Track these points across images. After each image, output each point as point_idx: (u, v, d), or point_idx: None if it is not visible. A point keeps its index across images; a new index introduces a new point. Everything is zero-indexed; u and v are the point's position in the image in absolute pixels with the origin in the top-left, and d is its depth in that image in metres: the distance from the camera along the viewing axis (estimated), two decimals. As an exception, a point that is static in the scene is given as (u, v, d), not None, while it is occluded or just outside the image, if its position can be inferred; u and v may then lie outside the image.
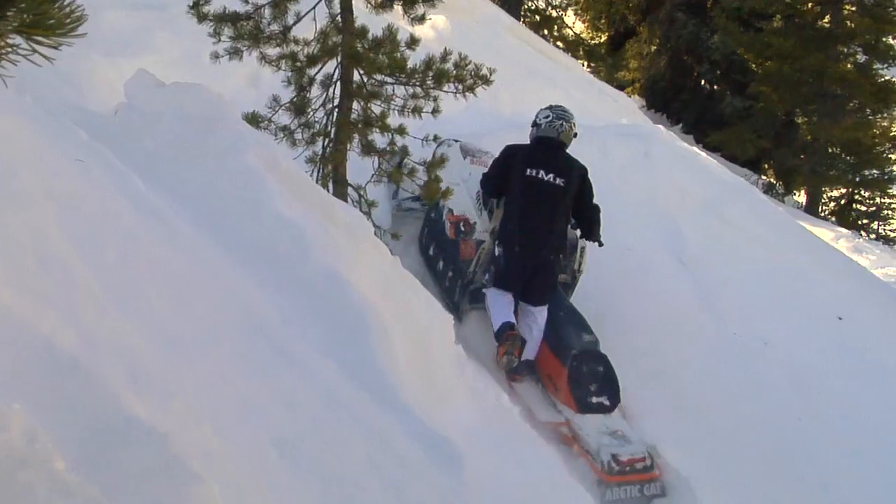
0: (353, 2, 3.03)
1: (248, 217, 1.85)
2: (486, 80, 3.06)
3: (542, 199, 3.63)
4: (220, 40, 2.96)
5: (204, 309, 1.38)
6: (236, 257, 1.66)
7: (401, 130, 3.02)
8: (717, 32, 12.30)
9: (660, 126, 5.83)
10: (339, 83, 3.05)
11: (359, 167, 3.22)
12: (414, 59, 3.09)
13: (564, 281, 3.94)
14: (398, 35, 2.97)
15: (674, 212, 4.26)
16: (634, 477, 3.15)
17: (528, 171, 3.61)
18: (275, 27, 3.03)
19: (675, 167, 4.71)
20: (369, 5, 3.05)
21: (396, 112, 3.05)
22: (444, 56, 3.11)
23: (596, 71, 13.69)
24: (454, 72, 3.01)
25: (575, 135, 3.70)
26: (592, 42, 15.83)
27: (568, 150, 3.63)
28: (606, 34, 14.82)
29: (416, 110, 2.99)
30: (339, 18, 3.03)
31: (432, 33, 5.38)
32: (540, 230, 3.63)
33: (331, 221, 2.01)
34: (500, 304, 3.56)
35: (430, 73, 2.97)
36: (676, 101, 13.49)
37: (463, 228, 3.87)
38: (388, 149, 3.13)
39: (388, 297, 1.92)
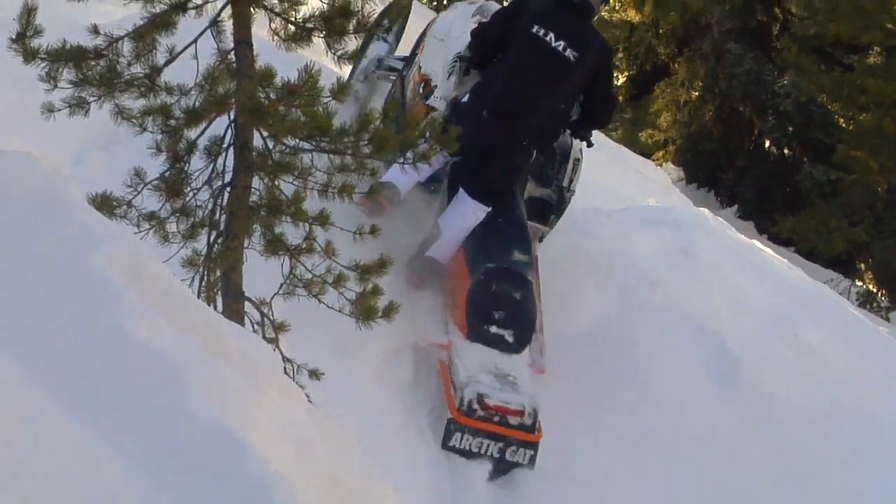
0: (254, 32, 2.96)
1: (93, 348, 1.77)
2: (451, 144, 3.08)
3: (542, 66, 4.06)
4: (56, 87, 2.79)
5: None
6: (74, 410, 1.60)
7: (323, 220, 2.91)
8: (787, 71, 13.16)
9: (704, 210, 6.10)
10: (232, 150, 2.96)
11: (262, 272, 3.06)
12: (343, 114, 3.10)
13: (548, 199, 4.37)
14: (320, 80, 2.84)
15: (724, 332, 4.37)
16: (499, 429, 3.44)
17: (535, 28, 4.09)
18: (137, 69, 2.85)
19: (727, 267, 4.89)
20: (277, 38, 2.94)
21: (317, 192, 2.95)
22: (388, 109, 3.22)
23: (611, 128, 14.25)
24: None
25: (606, 1, 4.22)
26: (605, 86, 16.49)
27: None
28: (625, 74, 15.36)
29: (346, 190, 2.91)
30: (232, 56, 2.91)
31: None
32: (524, 102, 4.00)
33: (219, 353, 1.96)
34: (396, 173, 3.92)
35: (367, 136, 2.91)
36: (729, 171, 13.97)
37: (422, 90, 4.24)
38: (303, 246, 3.00)
39: (303, 464, 1.88)
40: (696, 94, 14.60)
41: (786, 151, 13.57)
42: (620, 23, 15.03)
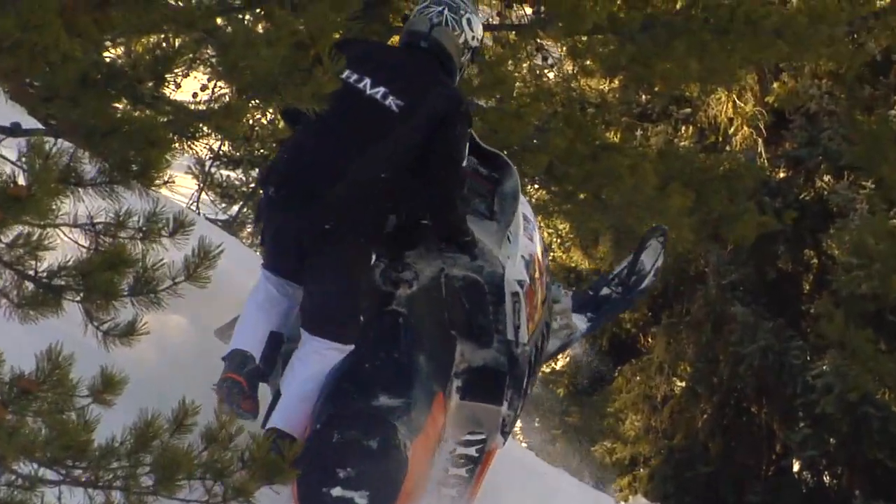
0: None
1: None
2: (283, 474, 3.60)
3: (350, 121, 4.74)
4: None
5: None
6: None
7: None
8: (826, 352, 13.65)
9: None
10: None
11: None
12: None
13: (495, 365, 5.17)
14: (71, 370, 3.22)
15: None
16: None
17: (347, 73, 4.59)
18: None
19: None
20: (5, 301, 3.39)
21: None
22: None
23: (546, 439, 15.15)
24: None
25: (472, 47, 5.05)
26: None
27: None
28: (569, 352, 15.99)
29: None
30: None
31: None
32: (321, 171, 4.73)
33: None
34: (249, 306, 4.96)
35: (148, 457, 3.32)
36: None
37: None
38: None
39: None
40: (683, 384, 15.18)
41: (826, 479, 13.93)
42: (559, 269, 15.79)
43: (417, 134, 4.77)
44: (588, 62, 11.72)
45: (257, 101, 4.02)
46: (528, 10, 12.13)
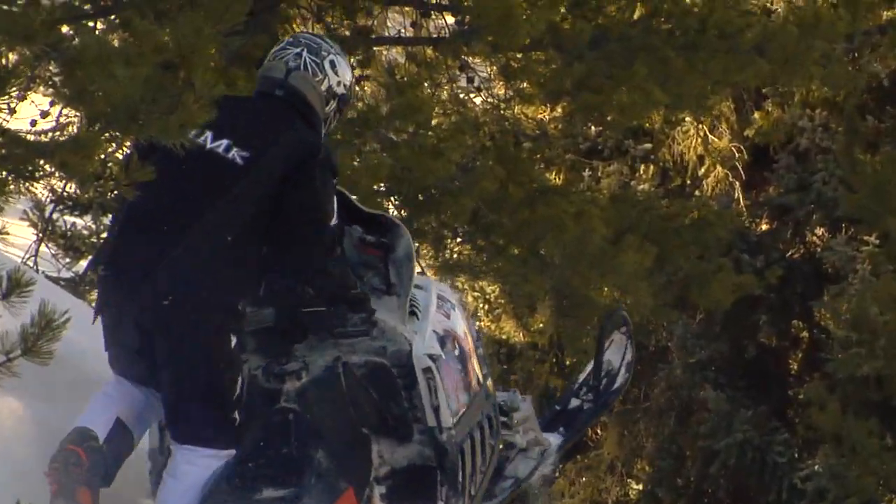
0: None
1: None
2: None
3: (186, 178, 4.89)
4: None
5: None
6: None
7: None
8: (818, 448, 14.04)
9: None
10: None
11: None
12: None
13: (420, 460, 5.38)
14: None
15: None
16: None
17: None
18: None
19: None
20: None
21: None
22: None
23: None
24: None
25: (338, 94, 5.27)
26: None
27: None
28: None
29: None
30: None
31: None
32: (158, 235, 4.89)
33: None
34: (97, 395, 5.18)
35: None
36: None
37: None
38: None
39: None
40: (640, 488, 15.34)
41: None
42: (487, 342, 15.53)
43: (266, 188, 4.93)
44: (524, 85, 11.74)
45: (112, 133, 4.05)
46: (450, 20, 12.05)
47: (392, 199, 11.58)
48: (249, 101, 5.36)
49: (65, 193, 13.18)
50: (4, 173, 3.95)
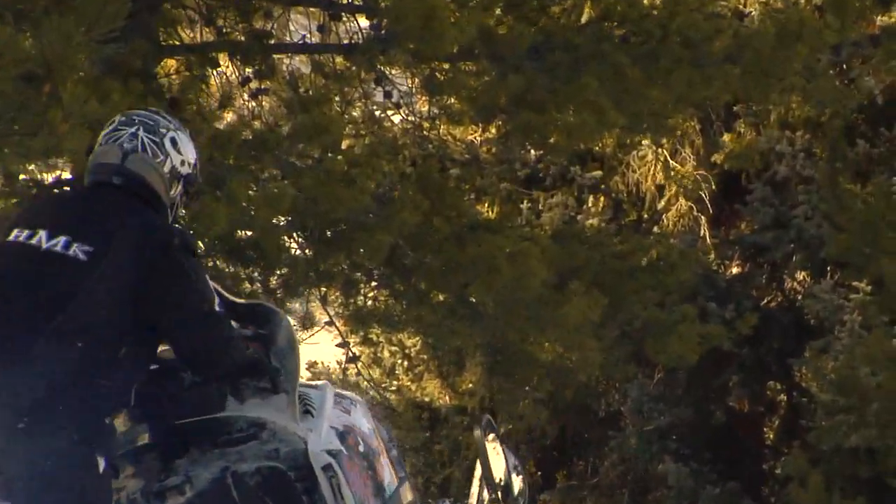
0: None
1: None
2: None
3: (21, 285, 5.02)
4: None
5: None
6: None
7: None
8: None
9: None
10: None
11: None
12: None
13: None
14: None
15: None
16: None
17: (16, 234, 5.14)
18: None
19: None
20: None
21: None
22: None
23: None
24: None
25: (182, 175, 5.40)
26: None
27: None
28: None
29: None
30: None
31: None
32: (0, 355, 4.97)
33: None
34: None
35: None
36: None
37: None
38: None
39: None
40: None
41: None
42: (407, 405, 16.17)
43: (118, 282, 5.00)
44: (451, 101, 11.60)
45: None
46: (364, 23, 11.66)
47: (295, 235, 11.46)
48: (83, 193, 5.46)
49: None
50: None
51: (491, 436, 7.06)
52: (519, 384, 12.99)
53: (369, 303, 12.16)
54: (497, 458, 7.02)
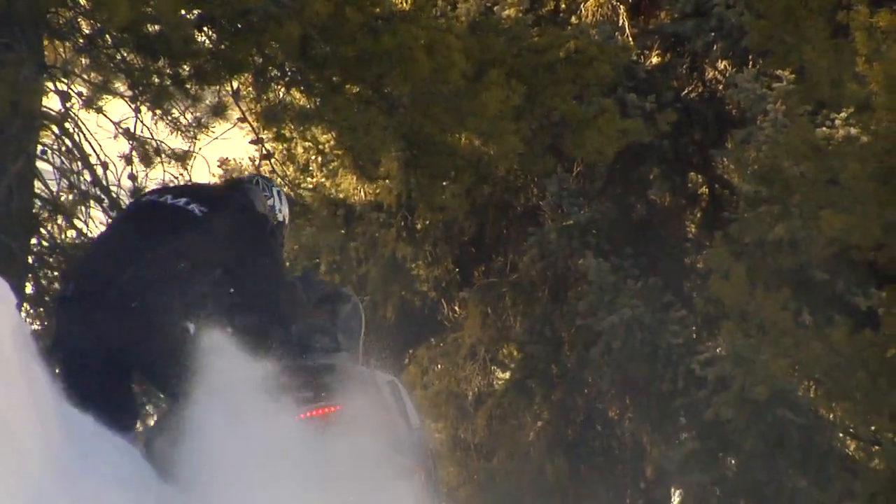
0: None
1: None
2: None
3: (147, 221, 7.18)
4: None
5: None
6: None
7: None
8: (719, 327, 14.83)
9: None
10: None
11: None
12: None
13: None
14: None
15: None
16: None
17: (146, 197, 7.93)
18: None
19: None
20: None
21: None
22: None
23: None
24: None
25: (276, 221, 7.67)
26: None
27: None
28: None
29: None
30: None
31: None
32: (118, 260, 6.88)
33: None
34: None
35: None
36: None
37: None
38: None
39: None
40: (507, 377, 15.89)
41: None
42: (322, 202, 15.87)
43: (219, 240, 7.15)
44: None
45: None
46: None
47: (206, 29, 11.29)
48: (205, 185, 7.73)
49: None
50: None
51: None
52: (437, 178, 12.87)
53: (281, 97, 11.97)
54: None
